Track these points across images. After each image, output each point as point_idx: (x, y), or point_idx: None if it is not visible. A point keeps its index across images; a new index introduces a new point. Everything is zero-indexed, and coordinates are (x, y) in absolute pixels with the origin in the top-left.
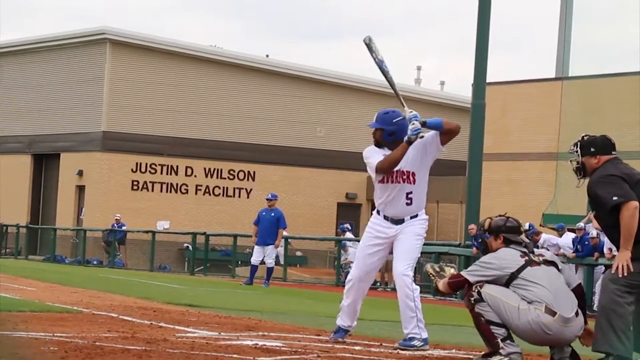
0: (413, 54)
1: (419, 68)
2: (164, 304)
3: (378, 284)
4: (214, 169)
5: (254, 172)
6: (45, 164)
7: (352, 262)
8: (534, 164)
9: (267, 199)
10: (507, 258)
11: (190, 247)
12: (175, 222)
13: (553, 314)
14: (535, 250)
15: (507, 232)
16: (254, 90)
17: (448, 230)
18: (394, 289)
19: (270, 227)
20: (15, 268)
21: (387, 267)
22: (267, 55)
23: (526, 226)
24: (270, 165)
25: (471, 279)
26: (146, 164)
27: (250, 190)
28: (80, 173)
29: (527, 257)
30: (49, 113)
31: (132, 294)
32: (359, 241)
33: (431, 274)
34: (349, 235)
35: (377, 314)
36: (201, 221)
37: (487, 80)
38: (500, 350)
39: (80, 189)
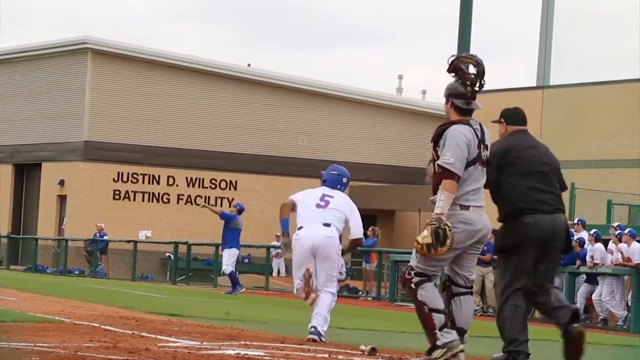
0: (395, 64)
1: (400, 77)
2: (146, 313)
3: (360, 292)
4: (196, 179)
5: (236, 182)
6: (26, 173)
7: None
8: None
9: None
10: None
11: (172, 256)
12: (157, 231)
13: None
14: None
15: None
16: (236, 100)
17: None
18: (375, 298)
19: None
20: None
21: (367, 276)
22: (249, 65)
23: None
24: (252, 175)
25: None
26: (128, 174)
27: (232, 199)
28: (61, 183)
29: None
30: (30, 122)
31: (114, 304)
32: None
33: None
34: None
35: (360, 323)
36: (183, 231)
37: None
38: (437, 342)
39: (62, 198)
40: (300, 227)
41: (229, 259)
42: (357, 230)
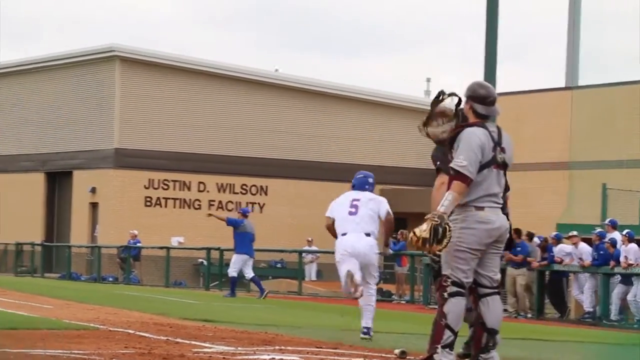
0: (423, 66)
1: (428, 80)
2: (180, 319)
3: (393, 295)
4: (227, 184)
5: (267, 187)
6: (58, 181)
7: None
8: (546, 174)
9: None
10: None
11: (205, 262)
12: (189, 237)
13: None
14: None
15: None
16: (265, 105)
17: None
18: (408, 301)
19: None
20: (32, 286)
21: (399, 279)
22: (277, 70)
23: (536, 239)
24: (282, 180)
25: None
26: (159, 180)
27: (263, 204)
28: (93, 190)
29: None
30: (61, 131)
31: (148, 310)
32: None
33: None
34: None
35: (394, 326)
36: (215, 236)
37: (498, 91)
38: (434, 356)
39: (94, 206)
40: (344, 234)
41: (234, 264)
42: (383, 213)
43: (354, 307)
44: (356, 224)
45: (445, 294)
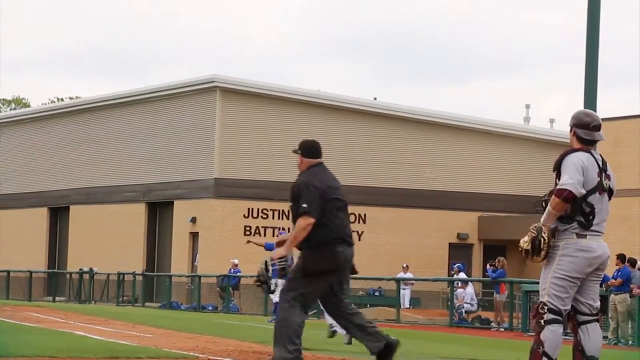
0: (523, 93)
1: (527, 106)
2: None
3: (492, 323)
4: None
5: (365, 215)
6: (159, 211)
7: (467, 302)
8: None
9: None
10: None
11: None
12: None
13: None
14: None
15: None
16: (363, 133)
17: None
18: (507, 329)
19: None
20: (133, 315)
21: (498, 307)
22: (375, 98)
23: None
24: (380, 207)
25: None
26: (258, 209)
27: (362, 232)
28: (193, 220)
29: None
30: (162, 161)
31: (247, 339)
32: (471, 281)
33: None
34: (462, 275)
35: (492, 354)
36: None
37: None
38: None
39: (194, 235)
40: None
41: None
42: None
43: (455, 335)
44: None
45: (542, 322)
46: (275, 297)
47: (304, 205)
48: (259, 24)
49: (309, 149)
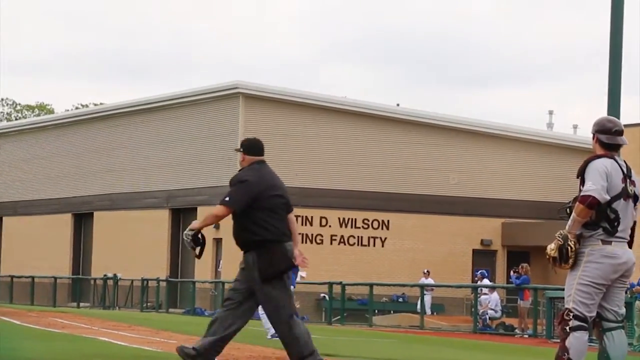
0: (546, 99)
1: (550, 112)
2: None
3: (516, 329)
4: (348, 219)
5: (388, 221)
6: (182, 218)
7: (491, 309)
8: None
9: None
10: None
11: (327, 297)
12: (311, 272)
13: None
14: None
15: None
16: (386, 140)
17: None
18: (531, 335)
19: None
20: (157, 321)
21: (522, 313)
22: (398, 104)
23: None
24: (404, 214)
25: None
26: None
27: (385, 239)
28: (217, 226)
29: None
30: (185, 168)
31: (271, 345)
32: (494, 288)
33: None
34: (485, 281)
35: None
36: (337, 271)
37: (623, 123)
38: None
39: (218, 241)
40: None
41: None
42: None
43: (479, 342)
44: None
45: (567, 328)
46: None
47: (225, 198)
48: (280, 30)
49: (251, 147)
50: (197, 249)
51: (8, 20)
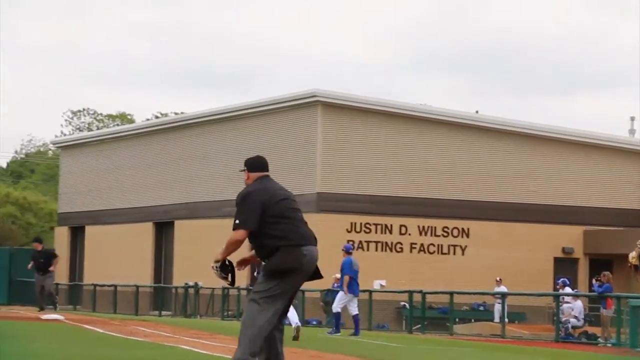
0: (629, 105)
1: (632, 119)
2: None
3: (598, 338)
4: (428, 227)
5: (468, 229)
6: None
7: (574, 316)
8: None
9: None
10: None
11: (407, 305)
12: (391, 280)
13: None
14: None
15: None
16: (465, 147)
17: None
18: (614, 344)
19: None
20: (238, 330)
21: (604, 322)
22: (477, 112)
23: None
24: (484, 221)
25: None
26: (361, 224)
27: (465, 247)
28: None
29: None
30: None
31: (352, 354)
32: (577, 296)
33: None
34: (567, 289)
35: None
36: (417, 279)
37: None
38: None
39: None
40: None
41: (339, 300)
42: None
43: (561, 351)
44: None
45: None
46: (336, 308)
47: (236, 221)
48: (358, 38)
49: (254, 165)
50: (229, 277)
51: (96, 32)
